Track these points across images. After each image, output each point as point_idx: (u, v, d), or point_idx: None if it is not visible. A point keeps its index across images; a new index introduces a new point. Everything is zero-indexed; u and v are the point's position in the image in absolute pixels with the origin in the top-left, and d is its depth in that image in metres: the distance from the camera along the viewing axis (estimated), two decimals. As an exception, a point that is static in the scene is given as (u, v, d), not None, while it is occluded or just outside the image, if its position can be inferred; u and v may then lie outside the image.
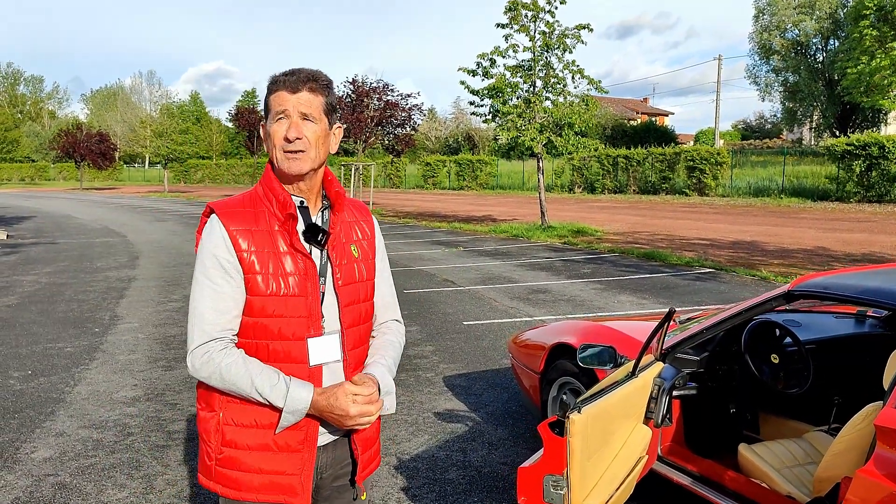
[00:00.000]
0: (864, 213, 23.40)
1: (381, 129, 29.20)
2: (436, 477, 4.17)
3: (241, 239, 1.85)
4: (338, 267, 1.97)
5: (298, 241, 1.90)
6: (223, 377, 1.84)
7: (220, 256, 1.86)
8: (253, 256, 1.86)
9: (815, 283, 3.10)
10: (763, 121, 68.04)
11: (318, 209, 1.99)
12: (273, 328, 1.88)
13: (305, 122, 1.86)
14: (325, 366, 1.93)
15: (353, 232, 2.06)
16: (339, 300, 1.96)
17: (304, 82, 1.86)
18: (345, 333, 1.97)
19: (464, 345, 7.19)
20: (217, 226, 1.87)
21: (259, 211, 1.91)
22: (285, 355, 1.89)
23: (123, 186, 67.77)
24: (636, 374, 2.84)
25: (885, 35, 33.50)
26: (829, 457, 2.90)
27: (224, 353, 1.85)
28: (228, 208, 1.91)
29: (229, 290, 1.86)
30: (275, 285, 1.86)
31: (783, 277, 10.67)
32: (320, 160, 1.92)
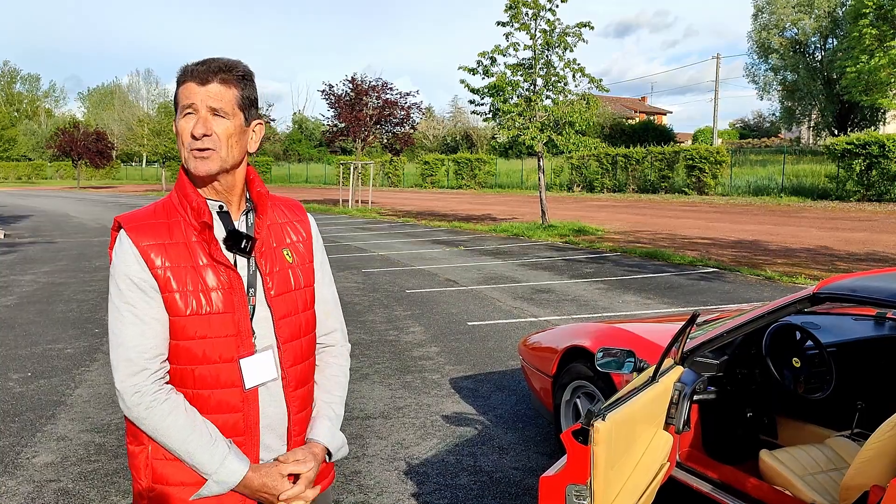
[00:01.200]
0: (865, 212, 23.36)
1: (379, 128, 29.08)
2: (447, 482, 4.09)
3: (153, 255, 1.66)
4: (268, 276, 1.78)
5: (219, 252, 1.71)
6: (155, 427, 1.67)
7: (133, 276, 1.66)
8: (168, 273, 1.67)
9: (841, 285, 3.02)
10: (761, 119, 68.05)
11: (241, 213, 1.79)
12: (197, 351, 1.69)
13: (215, 117, 1.67)
14: (262, 387, 1.77)
15: (285, 234, 1.86)
16: (272, 313, 1.78)
17: (214, 73, 1.67)
18: (281, 349, 1.80)
19: (469, 346, 7.11)
20: (126, 243, 1.68)
21: (174, 221, 1.72)
22: (214, 380, 1.71)
23: (121, 185, 67.57)
24: (657, 379, 2.76)
25: (884, 34, 33.44)
26: (857, 464, 2.81)
27: (158, 396, 1.67)
28: (138, 221, 1.71)
29: (152, 313, 1.67)
30: (195, 303, 1.68)
31: (788, 277, 10.60)
32: (234, 159, 1.71)
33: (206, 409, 1.72)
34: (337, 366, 1.99)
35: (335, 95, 28.28)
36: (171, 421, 1.67)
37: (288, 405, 1.82)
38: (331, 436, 1.89)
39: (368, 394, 5.63)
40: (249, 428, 1.76)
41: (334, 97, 28.26)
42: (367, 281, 11.15)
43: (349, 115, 27.90)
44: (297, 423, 1.85)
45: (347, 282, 11.05)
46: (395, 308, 8.98)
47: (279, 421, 1.82)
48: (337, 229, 20.51)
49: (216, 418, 1.73)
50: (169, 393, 1.69)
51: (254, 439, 1.77)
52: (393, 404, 5.40)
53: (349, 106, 28.10)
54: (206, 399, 1.72)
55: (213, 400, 1.72)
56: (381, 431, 4.85)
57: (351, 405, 5.36)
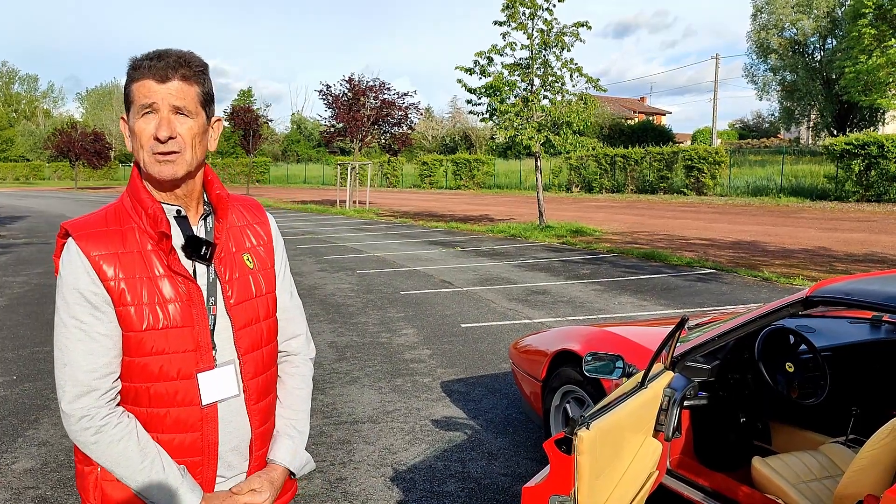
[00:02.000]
0: (864, 212, 23.29)
1: (377, 128, 29.02)
2: (434, 489, 4.00)
3: (105, 265, 1.55)
4: (228, 283, 1.67)
5: (177, 262, 1.61)
6: (103, 453, 1.57)
7: (83, 290, 1.55)
8: (122, 285, 1.55)
9: (835, 288, 2.94)
10: (760, 120, 67.97)
11: (200, 216, 1.68)
12: (154, 368, 1.59)
13: (179, 116, 1.56)
14: (221, 403, 1.67)
15: (244, 238, 1.75)
16: (231, 322, 1.67)
17: (174, 69, 1.54)
18: (242, 361, 1.69)
19: (462, 348, 7.02)
20: (75, 253, 1.56)
21: (127, 229, 1.60)
22: (170, 398, 1.61)
23: (119, 186, 67.44)
24: (646, 385, 2.68)
25: (883, 34, 33.36)
26: (852, 473, 2.73)
27: (109, 420, 1.57)
28: (88, 228, 1.59)
29: (103, 329, 1.56)
30: (152, 317, 1.57)
31: (786, 278, 10.52)
32: (198, 161, 1.62)
33: (160, 429, 1.63)
34: (299, 377, 1.89)
35: (333, 95, 28.21)
36: (121, 448, 1.57)
37: (250, 420, 1.73)
38: (291, 456, 1.81)
39: (358, 398, 5.54)
40: (207, 447, 1.67)
41: (332, 97, 28.20)
42: (362, 282, 11.06)
43: (347, 116, 27.83)
44: (259, 438, 1.77)
45: (342, 283, 10.96)
46: (389, 310, 8.89)
47: (240, 437, 1.72)
48: (334, 230, 20.43)
49: (172, 438, 1.63)
50: (121, 416, 1.59)
51: (211, 460, 1.68)
52: (382, 408, 5.31)
53: (347, 106, 28.03)
54: (161, 418, 1.62)
55: (169, 418, 1.62)
56: (368, 436, 4.76)
57: (339, 409, 5.27)
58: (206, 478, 1.68)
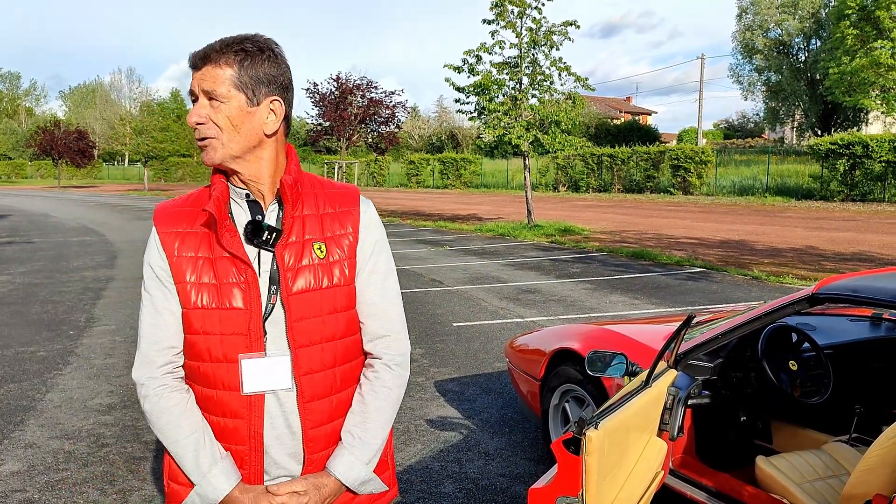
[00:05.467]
0: (849, 211, 23.44)
1: (364, 127, 28.95)
2: (431, 490, 3.94)
3: (170, 242, 1.60)
4: (289, 271, 1.60)
5: (234, 244, 1.57)
6: (153, 422, 1.64)
7: (154, 265, 1.62)
8: (182, 263, 1.59)
9: (841, 285, 2.90)
10: (745, 120, 68.37)
11: (273, 202, 1.64)
12: (202, 347, 1.60)
13: (213, 102, 1.53)
14: (270, 395, 1.61)
15: (324, 227, 1.65)
16: (288, 313, 1.60)
17: (206, 54, 1.53)
18: (296, 354, 1.61)
19: (454, 347, 6.96)
20: (153, 230, 1.65)
21: (201, 210, 1.62)
22: (216, 380, 1.61)
23: (103, 184, 66.88)
24: (650, 384, 2.63)
25: (866, 35, 33.62)
26: (859, 472, 2.69)
27: (160, 392, 1.62)
28: (167, 208, 1.66)
29: (166, 304, 1.61)
30: (204, 296, 1.58)
31: (775, 277, 10.54)
32: (241, 145, 1.55)
33: (210, 410, 1.64)
34: (377, 383, 1.73)
35: (320, 94, 28.10)
36: (167, 419, 1.61)
37: (301, 418, 1.64)
38: (347, 468, 1.66)
39: (351, 397, 5.46)
40: (253, 437, 1.63)
41: (319, 96, 28.08)
42: (351, 281, 10.95)
43: (334, 114, 27.73)
44: (312, 441, 1.65)
45: (331, 282, 10.86)
46: (379, 309, 8.80)
47: (289, 434, 1.65)
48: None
49: (218, 421, 1.64)
50: (173, 391, 1.62)
51: (257, 450, 1.63)
52: (376, 408, 5.23)
53: (334, 105, 27.93)
54: (210, 399, 1.64)
55: (216, 401, 1.63)
56: (363, 437, 4.68)
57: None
58: (253, 470, 1.65)
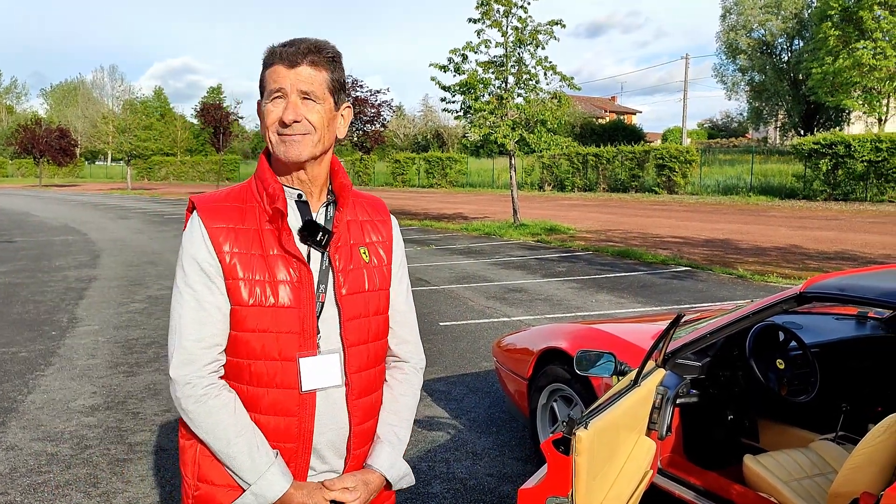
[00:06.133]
0: (832, 211, 23.64)
1: (350, 126, 28.86)
2: (419, 490, 3.92)
3: (222, 238, 1.59)
4: (341, 273, 1.67)
5: (291, 242, 1.62)
6: (201, 422, 1.59)
7: (200, 260, 1.59)
8: (235, 259, 1.59)
9: (829, 284, 2.91)
10: (729, 120, 68.80)
11: (322, 204, 1.70)
12: (256, 345, 1.60)
13: (306, 101, 1.58)
14: (320, 392, 1.65)
15: (364, 233, 1.76)
16: (340, 313, 1.67)
17: (304, 55, 1.57)
18: (347, 353, 1.68)
19: (441, 347, 6.94)
20: (197, 224, 1.62)
21: (248, 207, 1.64)
22: (270, 378, 1.61)
23: (85, 183, 66.31)
24: (639, 383, 2.62)
25: (848, 35, 33.93)
26: (847, 471, 2.70)
27: (209, 391, 1.59)
28: (212, 203, 1.64)
29: (213, 300, 1.59)
30: (261, 294, 1.59)
31: (760, 276, 10.60)
32: (324, 146, 1.63)
33: (258, 409, 1.63)
34: (407, 384, 1.88)
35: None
36: (217, 419, 1.58)
37: (350, 415, 1.70)
38: (390, 464, 1.76)
39: (337, 397, 5.43)
40: (302, 435, 1.65)
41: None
42: (337, 280, 10.91)
43: (319, 113, 27.62)
44: (357, 436, 1.73)
45: (316, 281, 10.81)
46: (366, 308, 8.76)
47: (337, 431, 1.69)
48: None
49: (268, 420, 1.63)
50: (221, 389, 1.61)
51: (305, 449, 1.66)
52: (363, 408, 5.21)
53: (319, 103, 27.82)
54: (259, 398, 1.62)
55: (266, 400, 1.62)
56: (350, 437, 4.66)
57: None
58: (299, 467, 1.66)
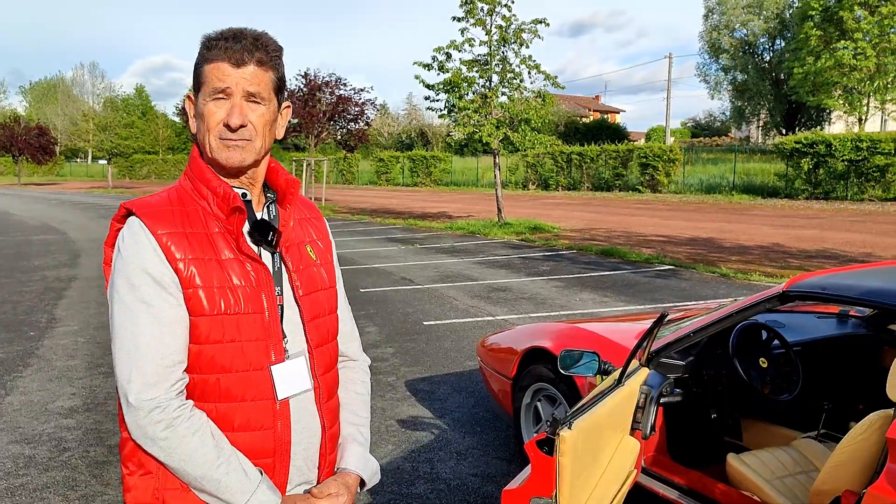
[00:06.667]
0: (813, 209, 23.84)
1: (333, 124, 28.72)
2: (402, 491, 3.89)
3: (173, 245, 1.46)
4: (296, 272, 1.61)
5: (246, 244, 1.53)
6: (175, 450, 1.43)
7: (151, 270, 1.44)
8: (192, 267, 1.46)
9: (811, 283, 2.92)
10: (712, 119, 69.27)
11: (263, 204, 1.63)
12: (223, 358, 1.48)
13: (251, 103, 1.50)
14: (292, 400, 1.57)
15: (306, 231, 1.71)
16: (301, 313, 1.60)
17: (251, 52, 1.49)
18: (313, 354, 1.62)
19: (425, 346, 6.92)
20: (142, 231, 1.46)
21: (191, 210, 1.52)
22: (242, 392, 1.50)
23: (65, 182, 65.61)
24: (623, 383, 2.62)
25: (830, 36, 34.23)
26: (829, 468, 2.71)
27: (181, 413, 1.44)
28: (151, 207, 1.50)
29: (172, 314, 1.45)
30: (223, 302, 1.48)
31: (743, 274, 10.66)
32: (266, 149, 1.56)
33: (229, 427, 1.50)
34: (361, 383, 1.85)
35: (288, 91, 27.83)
36: (196, 442, 1.43)
37: (321, 419, 1.64)
38: (363, 463, 1.72)
39: (320, 398, 5.39)
40: (280, 447, 1.55)
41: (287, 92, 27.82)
42: (321, 280, 10.86)
43: (302, 111, 27.46)
44: (330, 440, 1.67)
45: (300, 281, 10.75)
46: (349, 307, 8.73)
47: (312, 438, 1.62)
48: (290, 227, 20.09)
49: (243, 437, 1.51)
50: (193, 409, 1.46)
51: (283, 462, 1.56)
52: (346, 408, 5.17)
53: (302, 102, 27.66)
54: (231, 415, 1.50)
55: (239, 415, 1.50)
56: (333, 438, 4.62)
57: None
58: (278, 482, 1.56)
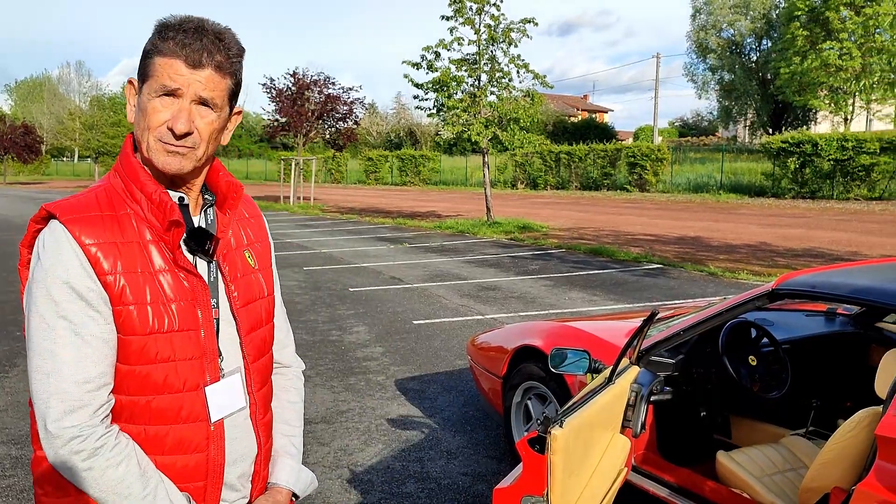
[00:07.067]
0: (799, 208, 23.99)
1: (322, 123, 28.62)
2: (392, 490, 3.89)
3: (102, 256, 1.32)
4: (233, 282, 1.49)
5: (182, 256, 1.41)
6: (98, 480, 1.31)
7: (76, 284, 1.30)
8: (122, 280, 1.33)
9: (800, 281, 2.93)
10: (700, 118, 69.57)
11: (201, 207, 1.50)
12: (157, 378, 1.37)
13: (201, 107, 1.36)
14: (226, 419, 1.47)
15: (245, 234, 1.58)
16: (238, 327, 1.49)
17: (210, 54, 1.34)
18: (250, 370, 1.52)
19: (415, 345, 6.91)
20: (65, 239, 1.31)
21: (122, 215, 1.37)
22: (174, 414, 1.39)
23: (51, 181, 65.06)
24: (613, 381, 2.62)
25: (816, 36, 34.46)
26: (818, 466, 2.72)
27: (106, 441, 1.32)
28: (78, 212, 1.34)
29: (98, 332, 1.32)
30: (156, 320, 1.35)
31: (731, 273, 10.71)
32: (208, 157, 1.43)
33: (159, 450, 1.40)
34: (294, 390, 1.74)
35: (277, 89, 27.70)
36: (120, 474, 1.32)
37: (258, 436, 1.55)
38: (296, 478, 1.64)
39: (309, 397, 5.38)
40: (212, 470, 1.46)
41: (276, 91, 27.69)
42: (309, 279, 10.85)
43: (291, 110, 27.36)
44: (266, 455, 1.60)
45: (289, 280, 10.72)
46: (338, 307, 8.72)
47: (247, 456, 1.54)
48: (278, 226, 20.05)
49: (173, 461, 1.41)
50: (118, 436, 1.34)
51: (216, 484, 1.47)
52: (336, 408, 5.17)
53: (291, 100, 27.55)
54: (161, 438, 1.40)
55: (170, 438, 1.40)
56: (322, 437, 4.61)
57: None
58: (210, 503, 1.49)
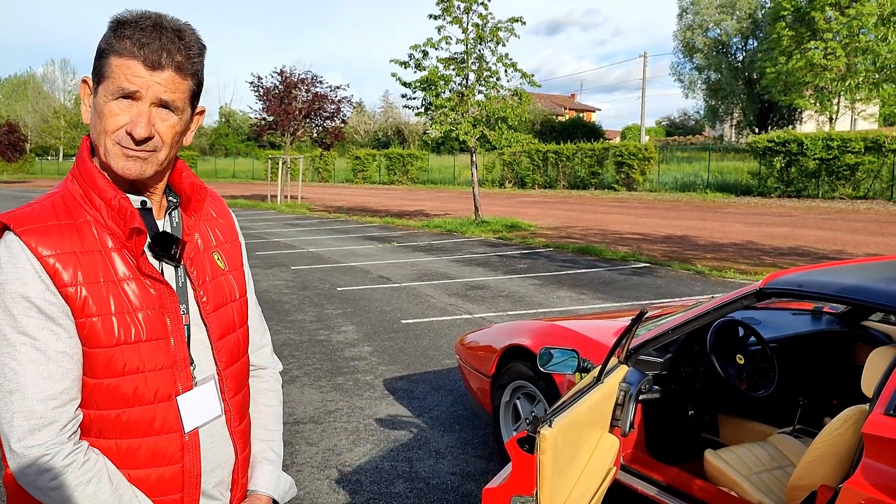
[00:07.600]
0: (785, 207, 24.14)
1: (309, 122, 28.54)
2: (381, 490, 3.88)
3: (61, 268, 1.27)
4: (201, 287, 1.45)
5: (147, 263, 1.35)
6: (66, 501, 1.27)
7: (35, 298, 1.25)
8: (84, 291, 1.28)
9: (787, 280, 2.94)
10: (686, 118, 69.90)
11: (165, 209, 1.44)
12: (127, 390, 1.32)
13: (160, 109, 1.31)
14: (201, 429, 1.44)
15: (213, 234, 1.53)
16: (209, 333, 1.45)
17: (170, 55, 1.28)
18: (223, 376, 1.48)
19: (403, 344, 6.90)
20: (20, 252, 1.26)
21: (82, 223, 1.32)
22: (146, 426, 1.35)
23: (36, 180, 64.53)
24: (602, 380, 2.62)
25: (801, 36, 34.69)
26: (805, 464, 2.73)
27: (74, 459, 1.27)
28: (34, 222, 1.28)
29: (61, 346, 1.27)
30: (122, 331, 1.31)
31: (718, 272, 10.76)
32: (170, 159, 1.38)
33: (133, 464, 1.36)
34: (271, 393, 1.70)
35: (264, 88, 27.60)
36: (90, 492, 1.28)
37: (234, 444, 1.52)
38: (275, 484, 1.62)
39: (298, 397, 5.36)
40: (189, 481, 1.42)
41: (263, 90, 27.59)
42: (297, 278, 10.81)
43: (278, 109, 27.28)
44: (243, 463, 1.57)
45: (276, 279, 10.69)
46: (326, 306, 8.70)
47: (224, 465, 1.50)
48: (265, 225, 19.98)
49: (147, 474, 1.37)
50: (87, 453, 1.30)
51: (193, 495, 1.44)
52: (324, 408, 5.15)
53: (278, 99, 27.47)
54: (134, 451, 1.36)
55: (143, 451, 1.36)
56: (311, 437, 4.60)
57: (279, 410, 5.09)
58: None
